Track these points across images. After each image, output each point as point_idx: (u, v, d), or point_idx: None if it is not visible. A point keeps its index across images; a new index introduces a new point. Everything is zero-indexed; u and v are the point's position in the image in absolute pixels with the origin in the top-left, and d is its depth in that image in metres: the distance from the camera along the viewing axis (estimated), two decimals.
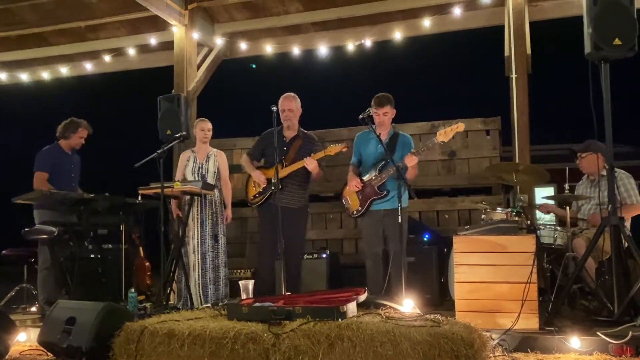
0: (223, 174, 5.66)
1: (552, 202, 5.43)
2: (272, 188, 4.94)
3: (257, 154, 5.46)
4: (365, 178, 4.96)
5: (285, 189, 5.08)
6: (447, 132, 4.69)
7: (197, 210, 5.37)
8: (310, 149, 5.24)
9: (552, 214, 5.60)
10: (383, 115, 4.93)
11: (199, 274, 5.27)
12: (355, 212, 5.02)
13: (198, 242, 5.34)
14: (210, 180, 5.48)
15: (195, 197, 5.30)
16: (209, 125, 5.66)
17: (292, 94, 5.33)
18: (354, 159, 5.18)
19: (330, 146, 5.05)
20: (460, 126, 4.70)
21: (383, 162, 4.83)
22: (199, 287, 5.22)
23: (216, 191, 5.52)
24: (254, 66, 5.35)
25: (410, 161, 4.73)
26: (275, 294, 4.80)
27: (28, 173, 5.77)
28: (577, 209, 5.34)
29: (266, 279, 5.16)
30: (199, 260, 5.30)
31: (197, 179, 5.47)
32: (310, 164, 5.03)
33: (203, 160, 5.59)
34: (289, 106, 5.24)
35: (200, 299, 5.19)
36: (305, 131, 5.37)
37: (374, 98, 4.97)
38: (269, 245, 5.12)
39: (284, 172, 5.09)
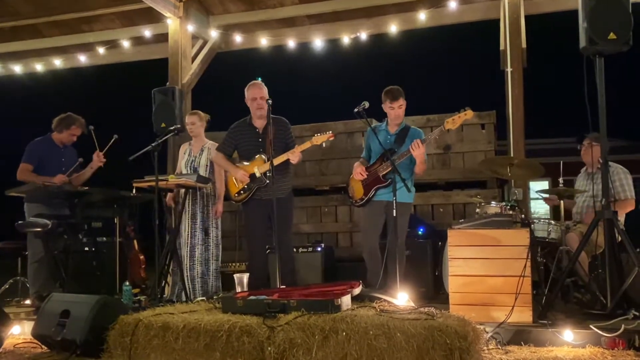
0: (216, 167, 5.60)
1: (547, 195, 5.44)
2: (259, 183, 4.88)
3: (229, 149, 5.17)
4: (371, 166, 4.91)
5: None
6: (455, 120, 4.64)
7: (189, 202, 5.33)
8: (285, 134, 5.04)
9: (548, 206, 5.60)
10: (398, 109, 4.85)
11: (187, 267, 5.21)
12: (358, 201, 4.96)
13: (188, 234, 5.29)
14: (202, 173, 5.41)
15: (190, 190, 5.28)
16: (192, 118, 5.55)
17: (258, 81, 5.10)
18: (364, 152, 5.14)
19: (315, 136, 4.89)
20: (468, 114, 4.64)
21: (388, 151, 4.75)
22: (187, 279, 5.17)
23: (209, 184, 5.47)
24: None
25: (415, 148, 4.62)
26: (269, 288, 4.77)
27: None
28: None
29: (259, 274, 4.96)
30: (188, 253, 5.24)
31: (189, 171, 5.43)
32: (295, 157, 4.88)
33: (197, 153, 5.54)
34: (261, 94, 5.00)
35: (190, 292, 5.13)
36: (274, 116, 4.98)
37: (386, 92, 4.87)
38: (261, 240, 5.07)
39: (267, 166, 4.87)
